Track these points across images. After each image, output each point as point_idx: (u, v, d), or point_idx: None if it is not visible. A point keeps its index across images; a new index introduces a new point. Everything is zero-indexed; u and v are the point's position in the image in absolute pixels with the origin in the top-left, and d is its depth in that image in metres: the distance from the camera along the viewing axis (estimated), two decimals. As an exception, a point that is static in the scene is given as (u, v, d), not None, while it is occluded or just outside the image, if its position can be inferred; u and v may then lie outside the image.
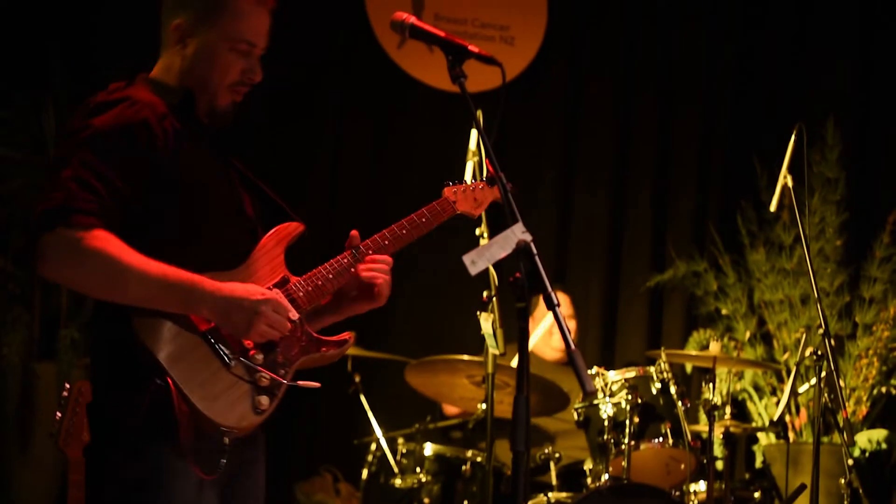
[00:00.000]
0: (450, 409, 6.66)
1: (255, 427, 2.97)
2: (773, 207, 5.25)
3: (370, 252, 3.23)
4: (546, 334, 6.76)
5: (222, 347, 2.89)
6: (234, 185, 3.14)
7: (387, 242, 3.26)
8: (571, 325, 6.90)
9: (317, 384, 3.00)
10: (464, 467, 5.75)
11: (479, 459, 5.73)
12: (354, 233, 3.25)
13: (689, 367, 7.47)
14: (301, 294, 3.07)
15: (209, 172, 3.05)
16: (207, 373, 2.86)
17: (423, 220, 3.33)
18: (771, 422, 7.06)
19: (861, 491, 5.87)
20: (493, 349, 4.28)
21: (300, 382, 3.01)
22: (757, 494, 5.91)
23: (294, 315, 2.98)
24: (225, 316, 2.86)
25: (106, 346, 2.97)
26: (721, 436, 5.72)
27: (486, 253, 2.63)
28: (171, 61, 3.09)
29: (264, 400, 2.92)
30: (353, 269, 3.20)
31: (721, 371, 5.93)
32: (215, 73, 3.06)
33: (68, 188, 2.79)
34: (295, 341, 3.03)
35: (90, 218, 2.78)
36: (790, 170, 5.14)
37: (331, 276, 3.15)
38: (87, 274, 2.79)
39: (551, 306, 2.57)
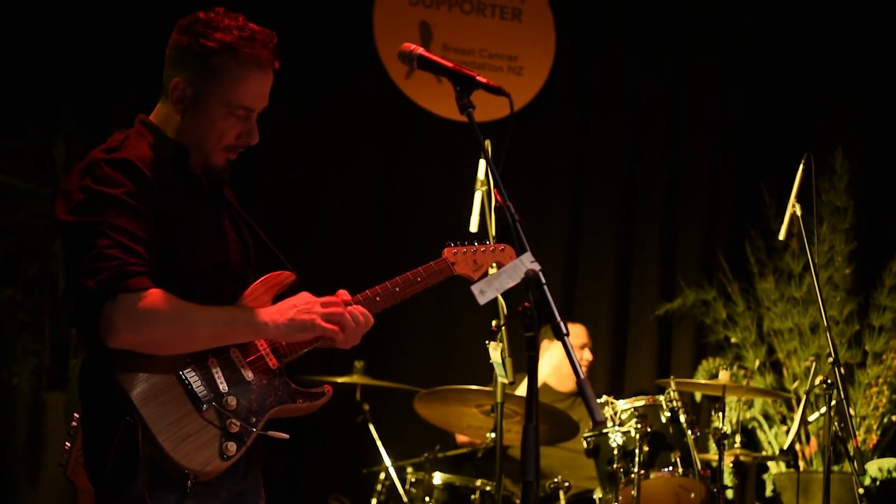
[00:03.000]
0: (461, 438, 6.65)
1: (222, 471, 2.93)
2: (781, 236, 5.25)
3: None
4: (561, 364, 6.75)
5: (195, 390, 2.90)
6: (225, 235, 3.16)
7: (378, 299, 3.23)
8: (587, 355, 6.88)
9: (285, 436, 3.02)
10: (473, 496, 5.73)
11: (488, 489, 5.72)
12: (342, 293, 3.21)
13: (698, 396, 7.46)
14: (284, 343, 3.09)
15: (201, 228, 3.07)
16: (178, 414, 2.87)
17: (419, 279, 3.31)
18: (781, 450, 7.04)
19: (872, 520, 5.84)
20: (502, 378, 4.27)
21: (270, 433, 3.01)
22: (767, 524, 5.89)
23: (273, 364, 3.04)
24: (289, 322, 2.99)
25: (88, 386, 2.99)
26: (731, 464, 5.70)
27: (495, 282, 2.63)
28: (169, 114, 3.09)
29: (232, 446, 2.91)
30: None
31: (731, 400, 5.93)
32: (212, 136, 3.07)
33: (114, 256, 2.82)
34: (272, 390, 3.04)
35: (144, 279, 2.83)
36: (799, 199, 5.15)
37: None
38: (159, 332, 2.85)
39: (560, 336, 2.57)
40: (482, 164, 4.45)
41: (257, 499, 3.16)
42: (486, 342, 4.17)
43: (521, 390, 5.87)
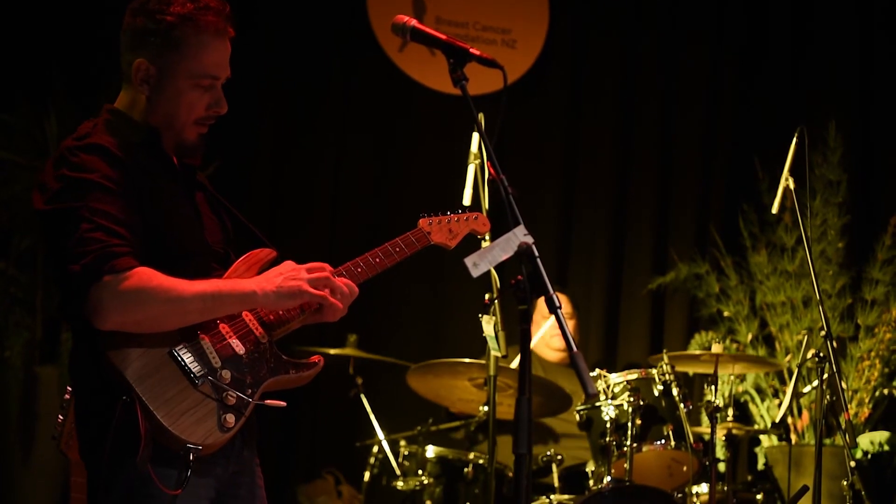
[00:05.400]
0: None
1: (223, 444, 2.96)
2: (774, 210, 5.25)
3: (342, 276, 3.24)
4: (545, 335, 6.77)
5: (189, 366, 2.91)
6: (202, 215, 3.17)
7: (359, 270, 3.27)
8: (571, 323, 6.90)
9: (282, 403, 3.02)
10: (466, 469, 5.75)
11: (481, 461, 5.73)
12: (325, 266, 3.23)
13: (690, 370, 7.47)
14: (272, 318, 3.10)
15: (178, 211, 3.08)
16: (174, 390, 2.88)
17: (397, 249, 3.37)
18: (773, 424, 7.06)
19: (863, 493, 5.88)
20: (494, 351, 4.28)
21: (267, 401, 3.03)
22: (759, 496, 5.90)
23: (263, 339, 3.05)
24: (277, 290, 2.99)
25: (81, 369, 3.01)
26: (723, 438, 5.72)
27: (488, 255, 2.63)
28: (135, 98, 3.09)
29: (230, 418, 2.93)
30: None
31: (723, 373, 5.94)
32: (181, 111, 3.07)
33: (97, 239, 2.83)
34: (263, 362, 3.05)
35: (128, 259, 2.84)
36: (792, 172, 5.14)
37: None
38: (150, 310, 2.85)
39: (553, 309, 2.57)
40: (475, 137, 4.45)
41: (254, 477, 3.18)
42: (480, 315, 4.18)
43: (516, 363, 5.88)
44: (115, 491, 2.90)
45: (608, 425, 5.44)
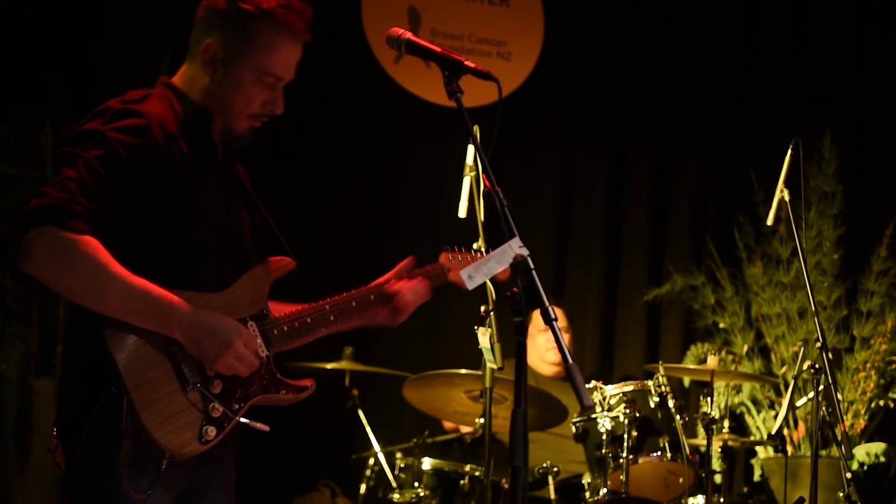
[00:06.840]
0: (448, 425, 6.66)
1: (197, 455, 2.90)
2: (770, 221, 5.25)
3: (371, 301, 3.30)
4: (541, 348, 6.78)
5: (185, 370, 2.87)
6: (233, 212, 3.12)
7: (372, 297, 3.33)
8: (566, 337, 6.90)
9: (265, 427, 2.98)
10: (462, 482, 5.73)
11: (477, 474, 5.73)
12: (410, 259, 3.38)
13: (687, 381, 7.47)
14: (276, 333, 3.06)
15: (207, 199, 3.03)
16: (163, 392, 2.83)
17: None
18: (769, 435, 7.06)
19: (859, 504, 5.88)
20: (490, 364, 4.28)
21: (251, 423, 2.97)
22: (755, 508, 5.91)
23: (262, 352, 3.00)
24: (195, 342, 2.85)
25: (75, 351, 2.97)
26: (719, 449, 5.72)
27: (484, 268, 2.63)
28: (196, 76, 3.08)
29: (211, 431, 2.89)
30: (332, 319, 3.19)
31: (719, 385, 5.95)
32: (238, 100, 3.06)
33: (69, 188, 2.76)
34: (257, 378, 3.01)
35: (83, 223, 2.75)
36: (787, 184, 5.15)
37: (309, 320, 3.14)
38: (71, 276, 2.76)
39: (549, 321, 2.57)
40: (471, 149, 4.45)
41: (226, 478, 3.13)
42: (475, 327, 4.18)
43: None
44: (83, 486, 2.88)
45: (604, 437, 5.44)
